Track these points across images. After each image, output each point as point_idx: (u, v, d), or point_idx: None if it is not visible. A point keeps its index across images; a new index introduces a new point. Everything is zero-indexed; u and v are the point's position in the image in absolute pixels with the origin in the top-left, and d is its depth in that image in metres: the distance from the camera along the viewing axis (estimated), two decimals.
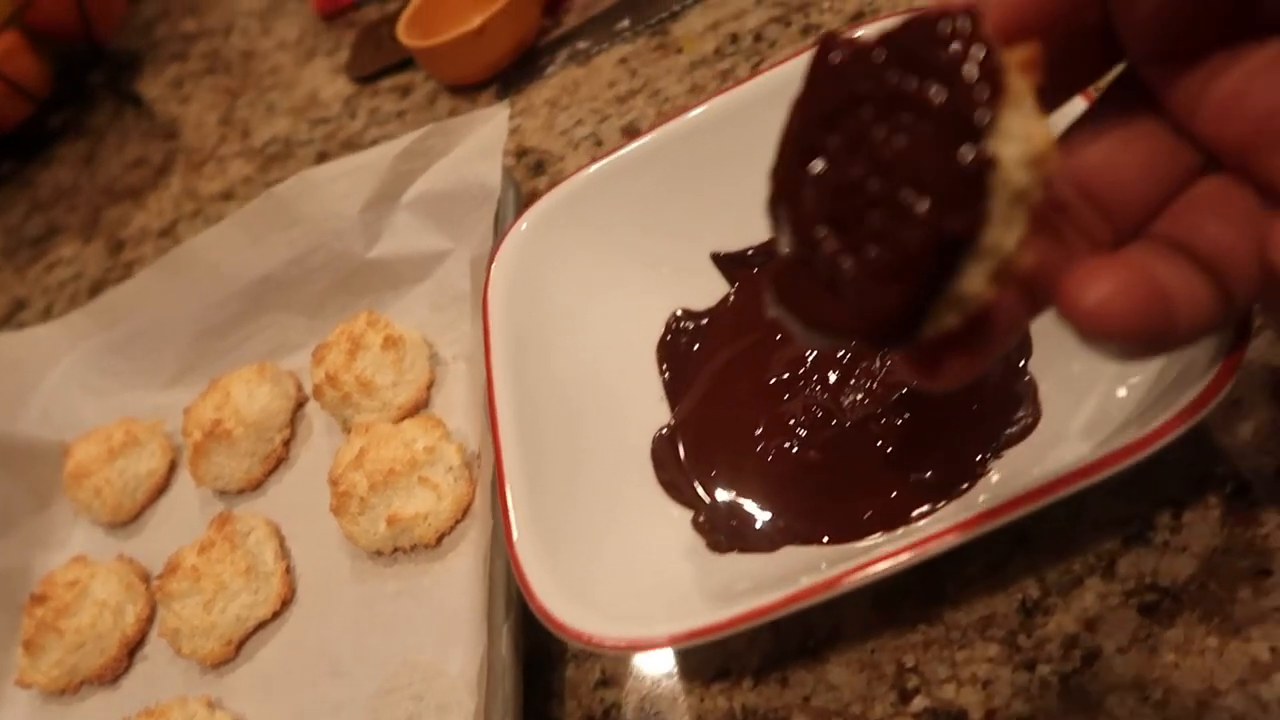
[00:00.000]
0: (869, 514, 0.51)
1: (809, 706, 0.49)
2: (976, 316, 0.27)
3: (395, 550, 0.65)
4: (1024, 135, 0.24)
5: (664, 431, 0.59)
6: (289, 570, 0.69)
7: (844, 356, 0.57)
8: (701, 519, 0.54)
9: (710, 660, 0.52)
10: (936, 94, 0.25)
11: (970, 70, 0.24)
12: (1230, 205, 0.27)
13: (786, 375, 0.58)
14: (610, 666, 0.55)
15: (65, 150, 1.39)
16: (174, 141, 1.25)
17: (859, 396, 0.56)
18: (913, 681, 0.47)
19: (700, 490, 0.56)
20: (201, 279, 0.85)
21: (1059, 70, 0.27)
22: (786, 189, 0.28)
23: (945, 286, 0.25)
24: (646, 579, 0.50)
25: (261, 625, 0.67)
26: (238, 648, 0.67)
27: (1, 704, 0.73)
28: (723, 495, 0.55)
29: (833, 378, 0.57)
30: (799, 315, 0.28)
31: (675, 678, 0.53)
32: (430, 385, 0.75)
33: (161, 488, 0.81)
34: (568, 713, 0.54)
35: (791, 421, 0.56)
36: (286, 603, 0.67)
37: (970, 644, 0.47)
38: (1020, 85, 0.25)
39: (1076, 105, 0.35)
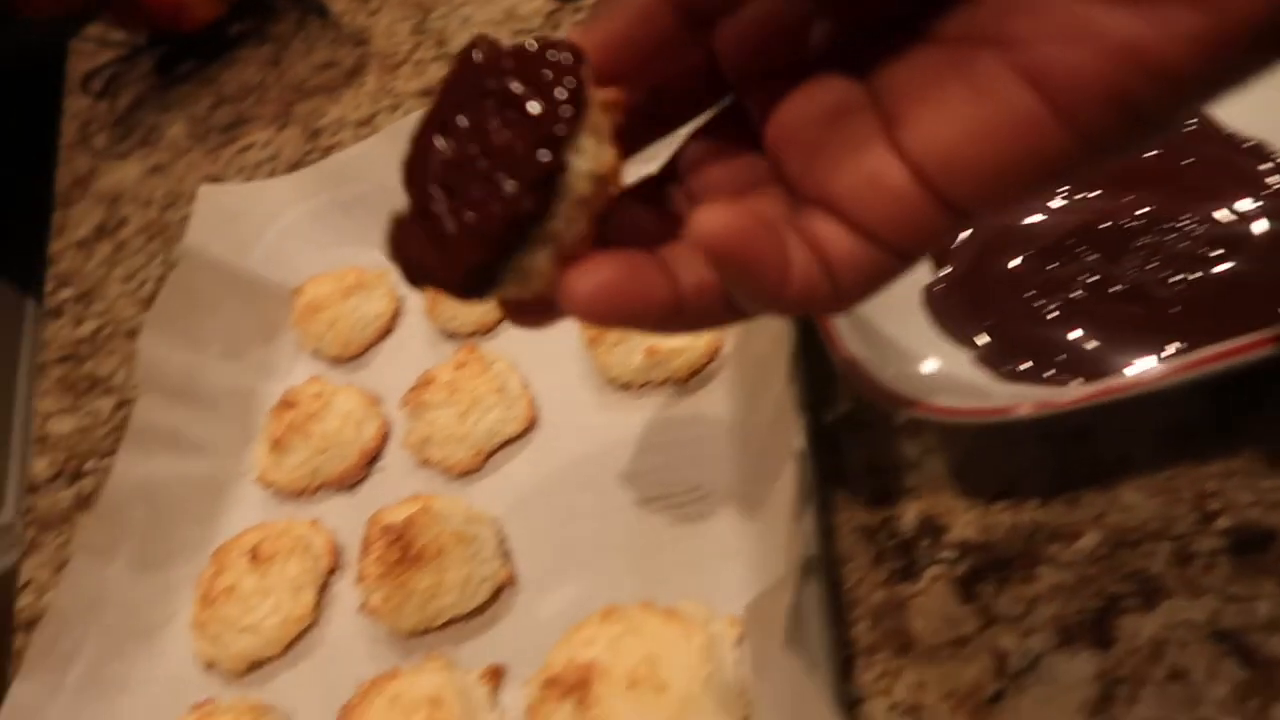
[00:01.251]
0: (1162, 353, 0.53)
1: (1102, 524, 0.51)
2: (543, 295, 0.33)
3: (644, 385, 0.68)
4: (593, 155, 0.32)
5: (942, 286, 0.61)
6: (533, 401, 0.72)
7: (1124, 227, 0.60)
8: (985, 356, 0.57)
9: (990, 479, 0.55)
10: (535, 105, 0.31)
11: (561, 94, 0.31)
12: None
13: (1058, 243, 0.61)
14: (885, 484, 0.57)
15: (249, 54, 1.44)
16: (364, 47, 1.30)
17: (1139, 262, 0.58)
18: (1214, 505, 0.49)
19: (979, 337, 0.58)
20: None
21: (669, 103, 0.37)
22: (418, 154, 0.34)
23: (515, 256, 0.32)
24: (948, 389, 0.53)
25: (509, 442, 0.70)
26: (485, 459, 0.70)
27: (234, 503, 0.76)
28: (1002, 340, 0.58)
29: (1109, 245, 0.59)
30: (404, 262, 0.35)
31: (954, 495, 0.55)
32: None
33: (388, 330, 0.85)
34: (842, 523, 0.57)
35: (1069, 281, 0.59)
36: (532, 425, 0.70)
37: (1276, 474, 0.49)
38: (600, 118, 0.32)
39: None
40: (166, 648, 0.68)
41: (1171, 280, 0.57)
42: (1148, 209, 0.61)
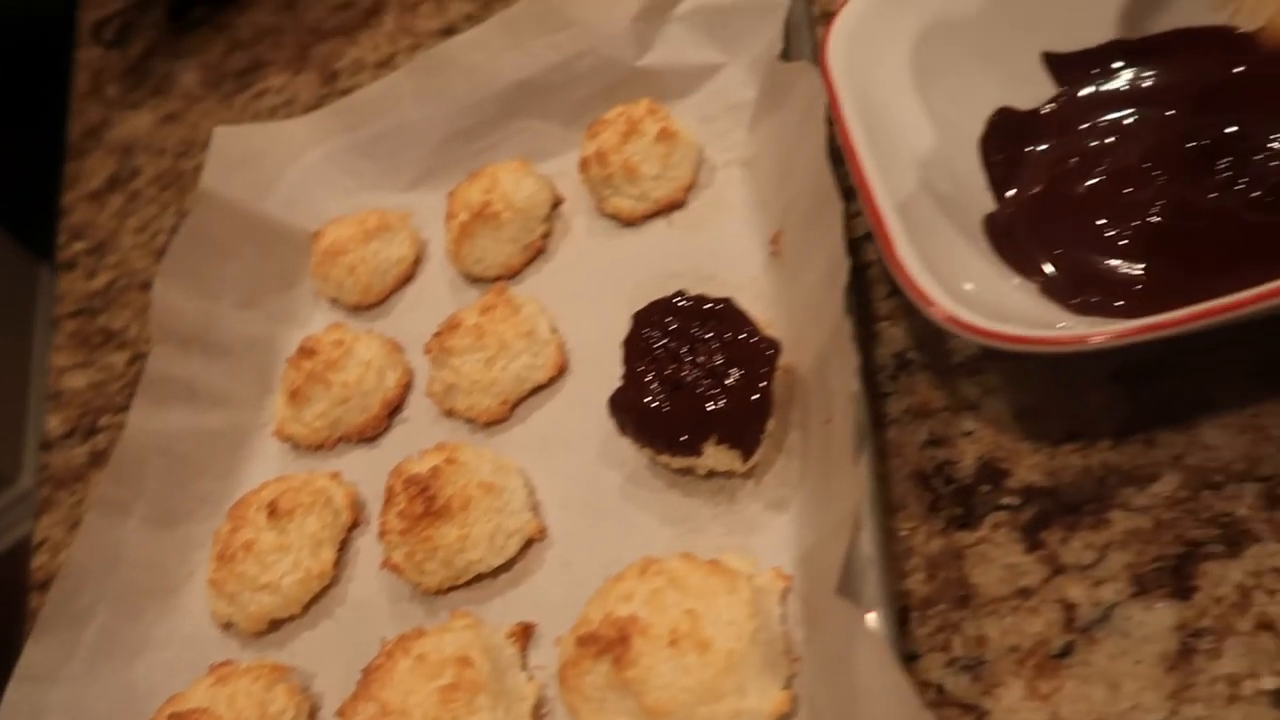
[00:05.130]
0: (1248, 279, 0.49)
1: (1182, 465, 0.47)
2: None
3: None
4: None
5: (1006, 213, 0.57)
6: (563, 345, 0.68)
7: (1193, 152, 0.55)
8: (1052, 287, 0.53)
9: (1057, 421, 0.51)
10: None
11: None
12: None
13: (1133, 166, 0.56)
14: (939, 428, 0.54)
15: None
16: None
17: (1221, 184, 0.53)
18: None
19: (1046, 267, 0.54)
20: (456, 81, 0.84)
21: None
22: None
23: None
24: (1014, 320, 0.49)
25: (537, 390, 0.67)
26: (512, 408, 0.66)
27: (253, 457, 0.74)
28: (1071, 270, 0.53)
29: (1189, 166, 0.54)
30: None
31: (1017, 438, 0.51)
32: (689, 188, 0.74)
33: (409, 275, 0.81)
34: (893, 469, 0.53)
35: (1145, 205, 0.54)
36: (562, 372, 0.67)
37: None
38: None
39: None
40: (186, 607, 0.66)
41: (1261, 201, 0.52)
42: (1232, 128, 0.56)
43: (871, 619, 0.44)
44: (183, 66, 1.35)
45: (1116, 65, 0.61)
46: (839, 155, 0.57)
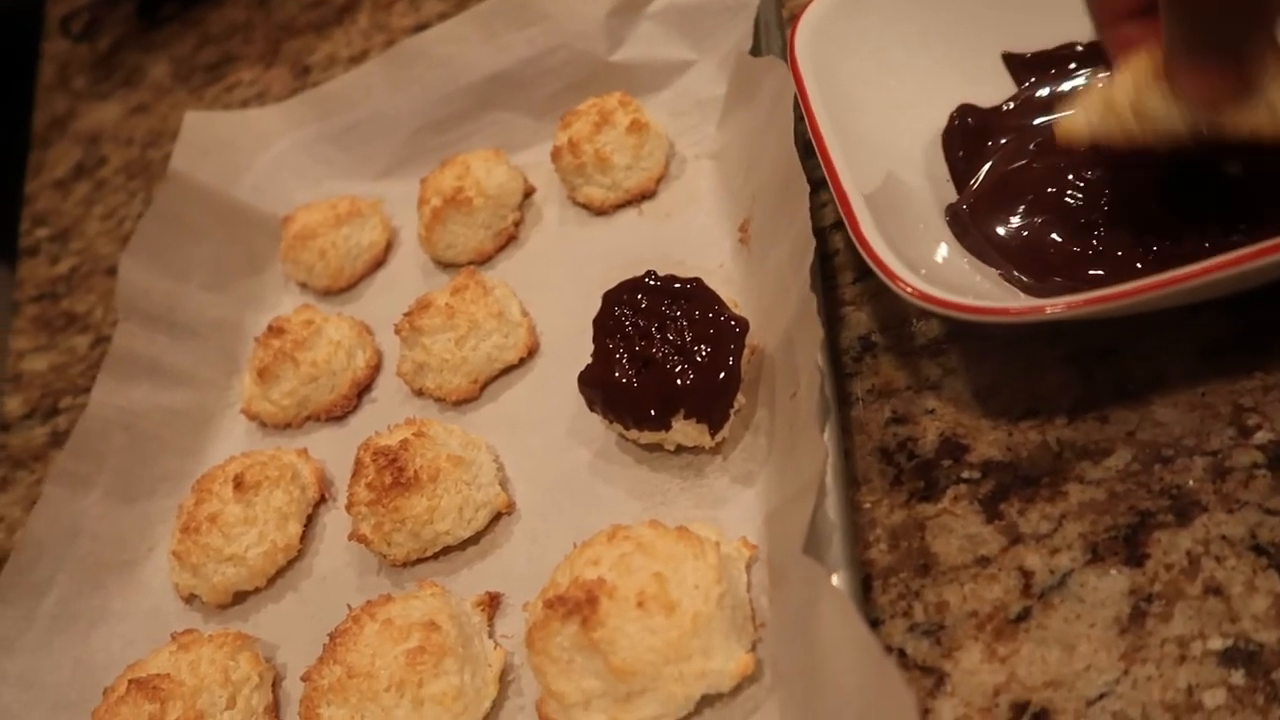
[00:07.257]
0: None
1: (1134, 440, 0.49)
2: None
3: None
4: None
5: (967, 204, 0.59)
6: (533, 328, 0.69)
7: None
8: (1011, 273, 0.54)
9: (1015, 399, 0.52)
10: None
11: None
12: None
13: (1082, 162, 0.58)
14: (901, 406, 0.55)
15: None
16: None
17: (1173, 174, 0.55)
18: (1253, 419, 0.47)
19: (1005, 253, 0.56)
20: (429, 73, 0.85)
21: None
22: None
23: None
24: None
25: (507, 370, 0.67)
26: (482, 387, 0.67)
27: (219, 435, 0.73)
28: (1028, 257, 0.55)
29: (1136, 164, 0.56)
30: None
31: (977, 415, 0.53)
32: (660, 179, 0.75)
33: (380, 261, 0.81)
34: (857, 445, 0.54)
35: (1096, 198, 0.56)
36: (532, 353, 0.68)
37: None
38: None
39: None
40: (147, 581, 0.65)
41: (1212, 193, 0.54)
42: None
43: (835, 579, 0.45)
44: (152, 60, 1.34)
45: (1071, 66, 0.64)
46: (807, 147, 0.59)
